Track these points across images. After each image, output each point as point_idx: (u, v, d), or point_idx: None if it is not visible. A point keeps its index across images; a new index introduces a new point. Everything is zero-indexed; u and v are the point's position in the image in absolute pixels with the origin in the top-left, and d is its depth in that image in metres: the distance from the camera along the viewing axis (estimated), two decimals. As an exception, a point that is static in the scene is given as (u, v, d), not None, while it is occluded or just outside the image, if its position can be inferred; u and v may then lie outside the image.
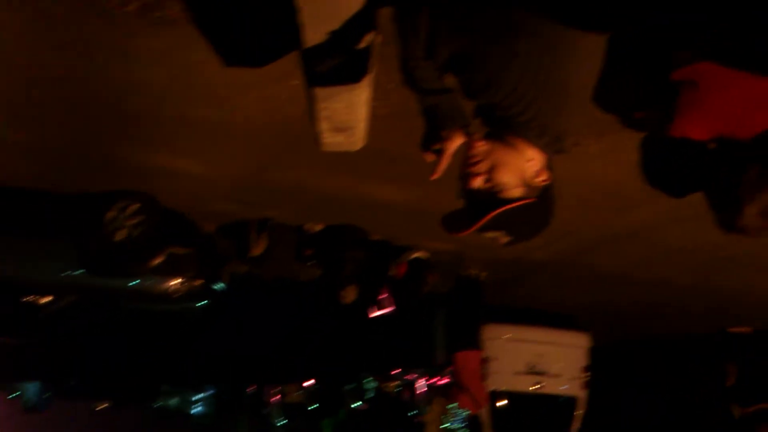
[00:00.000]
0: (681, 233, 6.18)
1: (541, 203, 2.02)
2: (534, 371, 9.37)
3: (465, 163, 2.00)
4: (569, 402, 9.70)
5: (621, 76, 2.14)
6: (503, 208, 1.95)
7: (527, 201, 1.98)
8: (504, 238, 2.07)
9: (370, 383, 11.55)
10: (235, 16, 3.37)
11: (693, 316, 10.05)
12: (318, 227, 6.82)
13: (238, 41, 3.61)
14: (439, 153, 2.13)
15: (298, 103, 3.78)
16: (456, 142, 2.10)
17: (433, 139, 2.18)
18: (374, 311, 7.55)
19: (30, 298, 7.04)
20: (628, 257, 7.20)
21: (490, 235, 2.06)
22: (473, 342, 8.34)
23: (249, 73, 3.88)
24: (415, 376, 9.94)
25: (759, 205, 1.91)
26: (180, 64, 3.87)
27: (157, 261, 6.45)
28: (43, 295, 7.07)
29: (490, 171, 1.95)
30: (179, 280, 6.77)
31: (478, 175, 1.96)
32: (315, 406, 14.55)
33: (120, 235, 6.11)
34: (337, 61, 2.49)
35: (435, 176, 2.13)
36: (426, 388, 9.65)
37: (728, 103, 2.00)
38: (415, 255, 6.89)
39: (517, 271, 8.21)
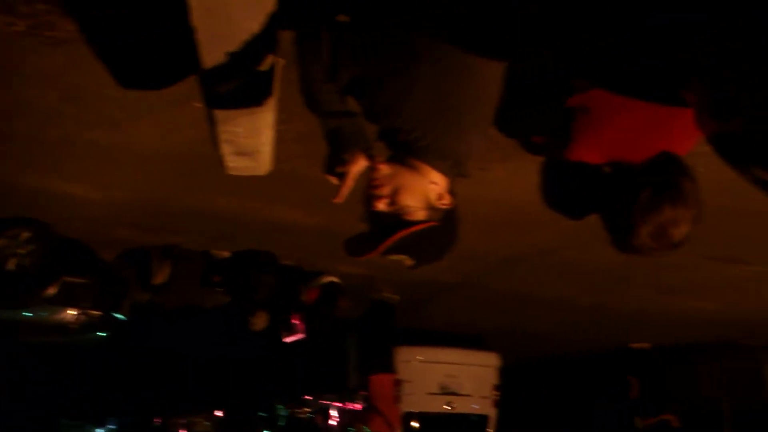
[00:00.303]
0: (582, 254, 6.34)
1: (444, 226, 2.00)
2: (446, 391, 9.44)
3: (368, 186, 1.97)
4: (481, 420, 9.81)
5: (521, 102, 2.17)
6: (406, 231, 1.92)
7: (430, 224, 1.95)
8: (408, 261, 2.05)
9: (282, 411, 11.34)
10: (132, 37, 3.22)
11: (596, 333, 10.38)
12: (225, 253, 6.64)
13: (135, 63, 3.45)
14: (342, 176, 2.08)
15: (200, 126, 3.65)
16: (359, 165, 2.06)
17: (335, 163, 2.13)
18: (286, 337, 7.41)
19: None
20: (533, 277, 7.38)
21: (394, 257, 2.03)
22: (386, 365, 8.31)
23: (148, 96, 3.72)
24: (329, 401, 9.83)
25: (650, 227, 1.95)
26: (72, 85, 3.68)
27: (51, 291, 6.17)
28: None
29: (394, 194, 1.92)
30: (76, 311, 6.47)
31: (381, 198, 1.93)
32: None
33: (11, 264, 5.81)
34: (238, 84, 2.42)
35: (338, 200, 2.09)
36: (339, 414, 9.56)
37: (619, 128, 2.08)
38: (327, 279, 6.80)
39: (428, 292, 8.26)
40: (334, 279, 6.77)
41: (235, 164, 3.23)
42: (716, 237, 5.38)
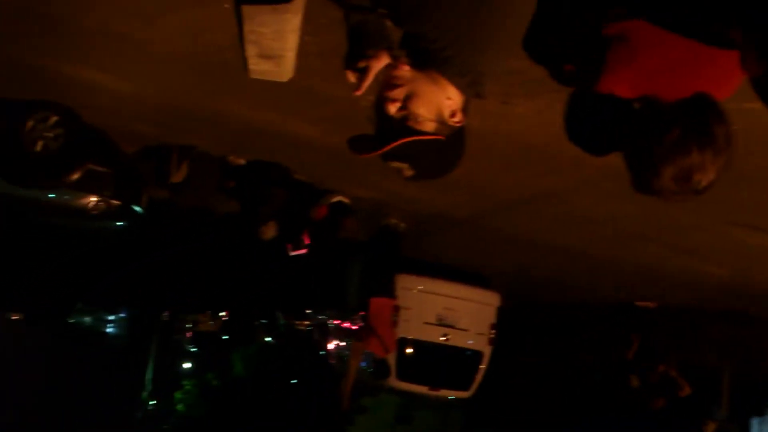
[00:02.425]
0: (598, 203, 6.27)
1: (450, 144, 1.98)
2: (443, 323, 9.67)
3: (384, 86, 1.95)
4: (474, 356, 10.05)
5: (556, 26, 2.14)
6: (411, 138, 1.90)
7: (437, 138, 1.92)
8: (408, 171, 2.04)
9: (281, 320, 11.66)
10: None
11: (601, 287, 10.35)
12: (241, 161, 6.78)
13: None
14: (363, 72, 2.07)
15: (228, 29, 3.73)
16: (381, 62, 2.03)
17: (357, 57, 2.10)
18: (291, 251, 7.59)
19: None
20: (544, 222, 7.33)
21: (395, 165, 2.02)
22: (387, 290, 8.48)
23: (180, -7, 3.80)
24: (327, 317, 10.10)
25: (675, 169, 1.91)
26: (107, -26, 3.75)
27: (75, 176, 6.32)
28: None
29: (407, 100, 1.90)
30: (97, 198, 6.67)
31: (394, 101, 1.91)
32: (227, 337, 14.68)
33: (38, 146, 5.96)
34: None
35: (358, 93, 2.07)
36: (336, 330, 9.83)
37: (656, 63, 2.02)
38: (337, 199, 6.92)
39: (436, 226, 8.35)
40: (344, 199, 6.89)
41: (258, 67, 3.32)
42: (742, 201, 5.25)
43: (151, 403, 17.46)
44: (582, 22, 2.14)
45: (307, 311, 10.57)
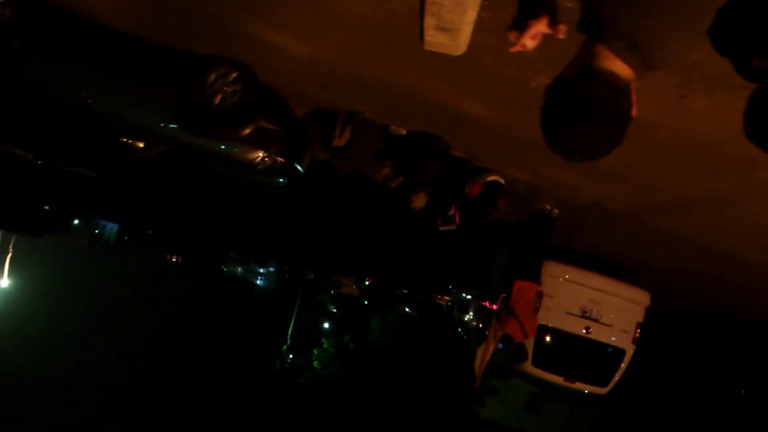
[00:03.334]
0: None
1: (615, 127, 1.93)
2: (586, 316, 9.41)
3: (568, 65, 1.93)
4: (616, 353, 9.72)
5: (748, 16, 2.04)
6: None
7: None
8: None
9: (424, 294, 11.80)
10: None
11: (758, 299, 9.72)
12: (402, 131, 6.89)
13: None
14: (523, 30, 2.13)
15: (408, -1, 3.78)
16: (540, 23, 2.08)
17: (520, 17, 2.17)
18: (441, 225, 7.64)
19: (126, 140, 7.36)
20: (708, 225, 6.96)
21: None
22: (533, 275, 8.37)
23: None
24: (469, 295, 10.10)
25: None
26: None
27: (247, 131, 6.67)
28: (138, 140, 7.39)
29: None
30: (263, 154, 6.99)
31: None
32: (367, 302, 15.07)
33: (217, 99, 6.36)
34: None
35: (514, 49, 2.14)
36: (477, 308, 9.80)
37: None
38: (492, 178, 6.88)
39: (592, 216, 8.11)
40: (499, 179, 6.84)
41: (434, 39, 3.37)
42: None
43: (290, 356, 18.31)
44: None
45: (450, 287, 10.62)
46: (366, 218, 10.57)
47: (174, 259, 18.84)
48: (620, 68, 1.83)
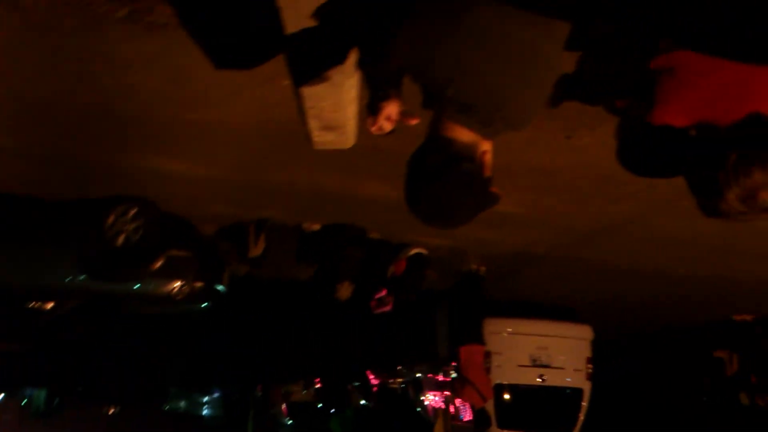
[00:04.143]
0: (679, 223, 6.11)
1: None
2: (538, 364, 9.42)
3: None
4: (574, 394, 9.73)
5: (604, 63, 2.14)
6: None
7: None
8: None
9: (375, 381, 11.57)
10: (224, 19, 3.40)
11: (692, 306, 10.01)
12: (316, 226, 6.85)
13: (227, 43, 3.64)
14: (377, 114, 2.30)
15: (290, 102, 3.81)
16: (392, 105, 2.24)
17: (371, 100, 2.33)
18: (376, 309, 7.57)
19: (34, 304, 7.06)
20: (626, 248, 7.19)
21: None
22: (477, 336, 8.35)
23: (240, 75, 3.91)
24: (420, 372, 9.96)
25: (739, 190, 1.90)
26: (171, 67, 3.91)
27: (158, 264, 6.50)
28: (47, 301, 7.10)
29: None
30: (180, 283, 6.81)
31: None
32: (321, 405, 14.64)
33: (120, 240, 6.16)
34: (322, 61, 2.52)
35: (375, 130, 2.35)
36: (431, 385, 9.66)
37: (706, 90, 2.00)
38: (414, 251, 6.88)
39: (516, 264, 8.23)
40: (422, 251, 6.85)
41: (322, 139, 3.37)
42: None
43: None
44: (629, 58, 2.12)
45: (399, 368, 10.47)
46: (299, 320, 10.38)
47: (111, 411, 17.87)
48: (460, 133, 1.84)
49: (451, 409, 9.05)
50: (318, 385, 14.36)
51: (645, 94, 2.12)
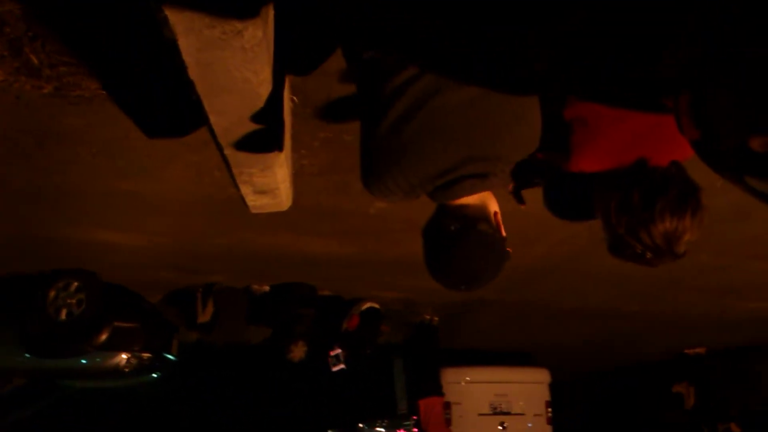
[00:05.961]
0: (622, 262, 6.25)
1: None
2: (498, 411, 9.36)
3: None
4: (537, 439, 9.67)
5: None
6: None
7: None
8: None
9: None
10: (151, 89, 3.40)
11: (646, 342, 10.13)
12: (265, 287, 6.79)
13: (156, 113, 3.64)
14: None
15: (224, 168, 3.80)
16: None
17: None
18: (332, 367, 7.48)
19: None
20: (572, 287, 7.26)
21: None
22: (435, 387, 8.29)
23: (174, 143, 3.91)
24: (380, 428, 9.79)
25: (669, 226, 1.95)
26: (102, 140, 3.88)
27: (103, 337, 6.33)
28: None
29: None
30: (127, 355, 6.65)
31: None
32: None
33: (62, 314, 6.01)
34: (246, 128, 2.50)
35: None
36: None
37: (615, 138, 2.09)
38: (366, 305, 6.88)
39: (468, 310, 8.23)
40: (374, 304, 6.85)
41: (256, 203, 3.35)
42: (755, 235, 5.39)
43: None
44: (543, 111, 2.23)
45: (360, 425, 10.29)
46: (254, 384, 10.18)
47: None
48: (471, 198, 1.90)
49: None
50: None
51: (561, 145, 2.18)
